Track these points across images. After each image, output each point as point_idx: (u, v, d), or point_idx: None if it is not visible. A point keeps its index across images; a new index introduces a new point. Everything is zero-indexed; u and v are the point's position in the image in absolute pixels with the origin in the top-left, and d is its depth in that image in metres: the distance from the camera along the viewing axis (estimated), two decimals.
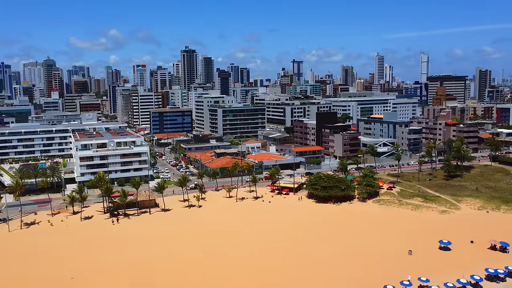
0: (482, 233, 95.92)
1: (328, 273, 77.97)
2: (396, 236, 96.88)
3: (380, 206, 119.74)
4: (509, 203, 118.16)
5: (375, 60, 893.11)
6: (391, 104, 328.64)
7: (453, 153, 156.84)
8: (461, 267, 78.73)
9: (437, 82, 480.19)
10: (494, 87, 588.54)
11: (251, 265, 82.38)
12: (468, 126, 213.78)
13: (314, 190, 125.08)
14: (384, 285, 70.86)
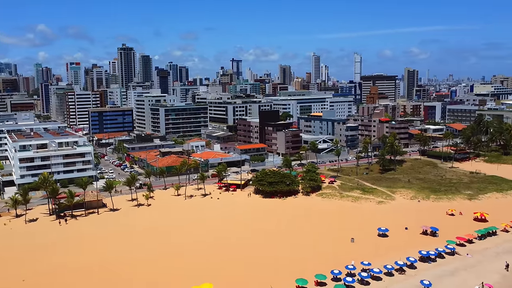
0: (414, 220, 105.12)
1: (279, 261, 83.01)
2: (339, 225, 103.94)
3: (323, 199, 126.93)
4: (437, 193, 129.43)
5: (311, 60, 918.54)
6: (329, 102, 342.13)
7: (387, 148, 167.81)
8: (398, 251, 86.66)
9: (370, 82, 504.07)
10: (421, 86, 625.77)
11: (204, 260, 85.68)
12: (399, 123, 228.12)
13: (261, 185, 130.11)
14: (331, 270, 76.92)
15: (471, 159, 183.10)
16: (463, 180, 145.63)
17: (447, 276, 78.06)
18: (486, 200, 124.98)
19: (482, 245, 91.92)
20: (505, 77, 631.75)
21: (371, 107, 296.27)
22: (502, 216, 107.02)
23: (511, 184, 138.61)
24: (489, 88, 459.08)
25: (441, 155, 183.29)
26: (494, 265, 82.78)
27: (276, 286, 72.79)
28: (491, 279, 76.76)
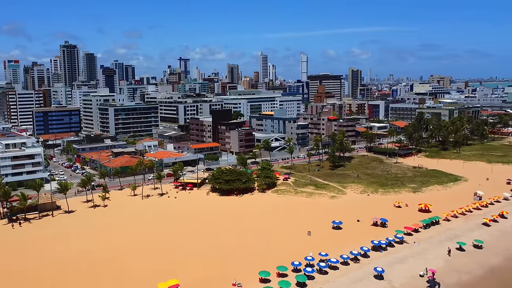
0: (365, 212, 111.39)
1: (241, 255, 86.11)
2: (296, 220, 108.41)
3: (279, 195, 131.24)
4: (385, 187, 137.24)
5: (259, 59, 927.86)
6: (278, 101, 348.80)
7: (336, 146, 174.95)
8: (352, 241, 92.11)
9: (317, 81, 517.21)
10: (364, 85, 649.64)
11: (168, 258, 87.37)
12: (346, 121, 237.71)
13: (218, 184, 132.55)
14: (292, 262, 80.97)
15: (414, 155, 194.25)
16: (407, 174, 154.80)
17: (397, 263, 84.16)
18: (428, 192, 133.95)
19: (427, 234, 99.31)
20: (441, 77, 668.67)
21: (319, 105, 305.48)
22: (444, 206, 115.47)
23: (450, 177, 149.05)
24: (427, 87, 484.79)
25: (386, 151, 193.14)
26: (438, 251, 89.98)
27: (240, 279, 75.78)
28: (436, 264, 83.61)
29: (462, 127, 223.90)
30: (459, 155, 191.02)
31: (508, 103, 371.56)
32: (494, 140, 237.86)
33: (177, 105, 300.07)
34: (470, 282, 78.26)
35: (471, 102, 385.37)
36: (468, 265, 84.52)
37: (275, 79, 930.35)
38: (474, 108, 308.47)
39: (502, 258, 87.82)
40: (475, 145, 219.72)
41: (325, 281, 76.98)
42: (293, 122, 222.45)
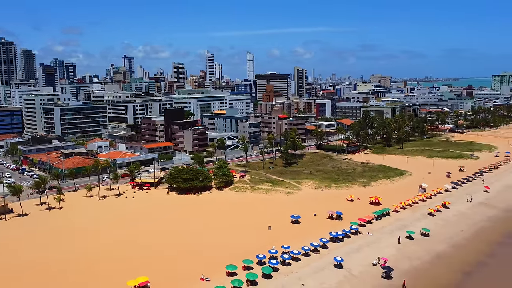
0: (321, 207, 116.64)
1: (207, 251, 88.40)
2: (256, 216, 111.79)
3: (237, 192, 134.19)
4: (337, 182, 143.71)
5: (205, 58, 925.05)
6: (227, 100, 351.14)
7: (289, 143, 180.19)
8: (311, 234, 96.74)
9: (264, 80, 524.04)
10: (310, 84, 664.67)
11: (136, 256, 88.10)
12: (296, 120, 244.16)
13: (176, 182, 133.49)
14: (256, 255, 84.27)
15: (361, 151, 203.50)
16: (356, 170, 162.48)
17: (354, 252, 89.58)
18: (377, 186, 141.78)
19: (379, 225, 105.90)
20: (382, 76, 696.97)
21: (268, 104, 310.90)
22: (392, 199, 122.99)
23: (396, 172, 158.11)
24: (370, 86, 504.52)
25: (335, 148, 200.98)
26: (390, 240, 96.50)
27: (207, 274, 78.09)
28: (388, 252, 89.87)
29: (404, 125, 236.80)
30: (403, 151, 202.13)
31: (444, 101, 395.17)
32: (433, 136, 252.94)
33: (126, 104, 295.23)
34: (420, 267, 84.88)
35: (411, 100, 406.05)
36: (417, 252, 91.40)
37: (222, 78, 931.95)
38: (414, 106, 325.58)
39: (447, 245, 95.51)
40: (416, 141, 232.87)
41: (289, 272, 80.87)
42: (245, 120, 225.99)
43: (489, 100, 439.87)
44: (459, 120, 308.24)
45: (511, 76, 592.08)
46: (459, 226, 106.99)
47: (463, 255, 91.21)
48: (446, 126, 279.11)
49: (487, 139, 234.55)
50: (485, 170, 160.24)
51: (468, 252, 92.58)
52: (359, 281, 78.77)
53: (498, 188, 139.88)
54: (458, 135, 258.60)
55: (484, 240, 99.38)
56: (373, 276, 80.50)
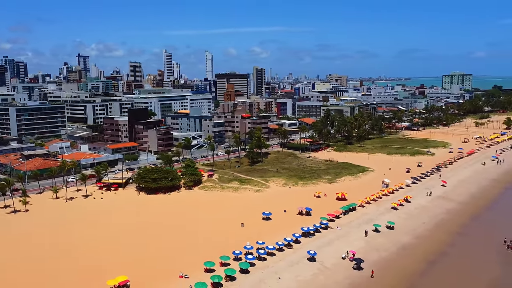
0: (290, 203, 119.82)
1: (184, 250, 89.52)
2: (227, 214, 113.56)
3: (206, 191, 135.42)
4: (304, 179, 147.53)
5: (163, 57, 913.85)
6: (189, 100, 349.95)
7: (254, 142, 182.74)
8: (283, 230, 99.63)
9: (224, 80, 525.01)
10: (269, 84, 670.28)
11: (114, 256, 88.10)
12: (260, 119, 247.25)
13: (145, 182, 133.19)
14: (233, 251, 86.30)
15: (323, 149, 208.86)
16: (321, 167, 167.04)
17: (325, 246, 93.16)
18: (342, 182, 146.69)
19: (347, 219, 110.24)
20: (339, 76, 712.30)
21: (230, 104, 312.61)
22: (357, 194, 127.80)
23: (359, 169, 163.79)
24: (328, 86, 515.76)
25: (299, 147, 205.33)
26: (358, 234, 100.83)
27: (186, 271, 79.41)
28: (358, 245, 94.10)
29: (364, 123, 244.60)
30: (363, 148, 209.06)
31: (399, 100, 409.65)
32: (391, 134, 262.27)
33: (85, 104, 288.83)
34: (388, 258, 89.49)
35: (367, 99, 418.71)
36: (384, 244, 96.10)
37: (180, 77, 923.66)
38: (371, 105, 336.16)
39: (411, 237, 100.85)
40: (375, 139, 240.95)
41: (265, 266, 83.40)
42: (209, 120, 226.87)
43: (441, 99, 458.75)
44: (414, 118, 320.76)
45: (460, 76, 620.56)
46: (421, 218, 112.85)
47: (426, 245, 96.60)
48: (403, 124, 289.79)
49: (441, 136, 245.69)
50: (441, 166, 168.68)
51: (431, 243, 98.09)
52: (332, 272, 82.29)
53: (454, 182, 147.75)
54: (414, 132, 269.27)
55: (445, 231, 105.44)
56: (345, 267, 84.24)
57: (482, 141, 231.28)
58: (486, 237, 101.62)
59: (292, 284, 77.47)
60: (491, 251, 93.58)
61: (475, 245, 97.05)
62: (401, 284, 79.60)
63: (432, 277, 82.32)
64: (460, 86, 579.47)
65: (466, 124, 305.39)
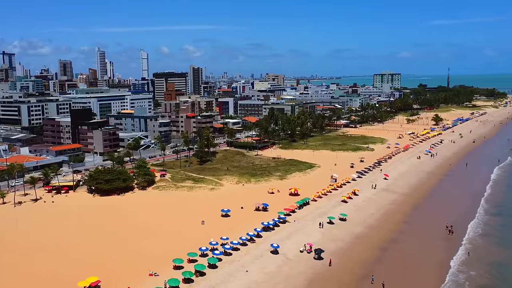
0: (245, 200, 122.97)
1: (149, 248, 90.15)
2: (186, 212, 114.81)
3: (161, 191, 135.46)
4: (256, 177, 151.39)
5: (96, 55, 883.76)
6: (129, 100, 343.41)
7: (203, 141, 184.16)
8: (243, 225, 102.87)
9: (162, 79, 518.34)
10: (207, 83, 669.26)
11: (81, 258, 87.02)
12: (205, 118, 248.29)
13: (97, 184, 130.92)
14: (199, 247, 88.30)
15: (269, 147, 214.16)
16: (270, 164, 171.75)
17: (286, 239, 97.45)
18: (292, 178, 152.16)
19: (302, 213, 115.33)
20: (276, 75, 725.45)
21: (173, 103, 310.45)
22: (308, 189, 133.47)
23: (306, 165, 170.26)
24: (267, 85, 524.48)
25: (246, 145, 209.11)
26: (314, 226, 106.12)
27: (155, 269, 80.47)
28: (315, 237, 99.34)
29: (306, 121, 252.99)
30: (308, 145, 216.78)
31: (336, 98, 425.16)
32: (331, 131, 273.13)
33: (19, 105, 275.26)
34: (345, 247, 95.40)
35: (305, 98, 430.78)
36: (339, 234, 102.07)
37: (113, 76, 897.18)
38: (311, 103, 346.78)
39: (363, 227, 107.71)
40: (317, 136, 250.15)
41: (232, 261, 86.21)
42: (155, 119, 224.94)
43: (373, 97, 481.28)
44: (351, 116, 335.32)
45: (389, 75, 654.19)
46: (369, 210, 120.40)
47: (377, 234, 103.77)
48: (341, 122, 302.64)
49: (377, 133, 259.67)
50: (382, 160, 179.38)
51: (381, 231, 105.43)
52: (295, 263, 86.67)
53: (395, 175, 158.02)
54: (352, 129, 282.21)
55: (392, 221, 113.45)
56: (307, 258, 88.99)
57: (415, 136, 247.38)
58: (429, 224, 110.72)
59: (259, 276, 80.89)
60: (435, 236, 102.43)
61: (420, 232, 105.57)
62: (358, 270, 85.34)
63: (386, 263, 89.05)
64: (390, 85, 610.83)
65: (399, 121, 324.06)
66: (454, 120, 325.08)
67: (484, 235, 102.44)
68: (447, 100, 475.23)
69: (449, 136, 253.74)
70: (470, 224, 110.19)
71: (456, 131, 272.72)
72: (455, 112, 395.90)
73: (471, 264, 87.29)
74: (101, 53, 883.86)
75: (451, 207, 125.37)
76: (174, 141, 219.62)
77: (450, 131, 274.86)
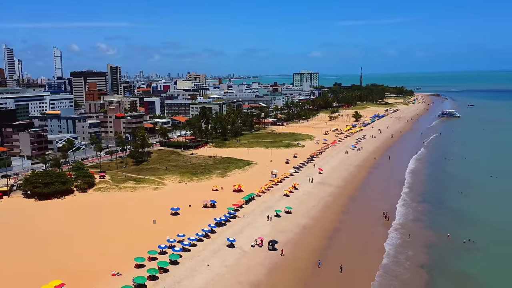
0: (192, 198, 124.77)
1: (107, 250, 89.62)
2: (135, 212, 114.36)
3: (103, 193, 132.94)
4: (197, 175, 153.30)
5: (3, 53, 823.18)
6: (48, 100, 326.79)
7: (138, 142, 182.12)
8: (195, 222, 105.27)
9: (81, 78, 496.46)
10: (127, 82, 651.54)
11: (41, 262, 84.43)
12: (134, 118, 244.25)
13: (35, 188, 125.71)
14: (158, 245, 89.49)
15: (203, 146, 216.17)
16: (208, 163, 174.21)
17: (238, 233, 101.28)
18: (233, 176, 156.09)
19: (250, 208, 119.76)
20: (197, 74, 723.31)
21: (97, 103, 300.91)
22: (250, 185, 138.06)
23: (244, 162, 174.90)
24: (190, 84, 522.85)
25: (180, 145, 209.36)
26: (263, 220, 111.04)
27: (117, 269, 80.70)
28: (265, 230, 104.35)
29: (237, 119, 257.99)
30: (241, 143, 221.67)
31: (260, 97, 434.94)
32: (260, 129, 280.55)
33: None
34: (294, 238, 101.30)
35: (230, 97, 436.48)
36: (288, 226, 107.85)
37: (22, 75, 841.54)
38: (237, 102, 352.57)
39: (308, 218, 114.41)
40: (247, 134, 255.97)
41: (192, 256, 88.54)
42: (84, 120, 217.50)
43: (295, 96, 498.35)
44: (278, 114, 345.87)
45: (308, 74, 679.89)
46: (310, 202, 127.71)
47: (321, 224, 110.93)
48: (269, 120, 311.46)
49: (305, 130, 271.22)
50: (314, 156, 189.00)
51: (325, 222, 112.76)
52: (252, 255, 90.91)
53: (328, 169, 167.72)
54: (280, 127, 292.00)
55: (332, 211, 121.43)
56: (262, 250, 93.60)
57: (340, 133, 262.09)
58: (366, 213, 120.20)
59: (221, 269, 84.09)
60: (373, 223, 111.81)
61: (359, 220, 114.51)
62: (310, 258, 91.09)
63: (334, 250, 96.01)
64: (310, 83, 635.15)
65: (322, 118, 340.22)
66: (371, 117, 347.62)
67: (415, 220, 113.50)
68: (362, 98, 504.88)
69: (370, 131, 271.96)
70: (400, 211, 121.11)
71: (375, 127, 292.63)
72: (370, 109, 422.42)
73: (409, 246, 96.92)
74: (8, 51, 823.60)
75: (381, 196, 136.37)
76: (105, 142, 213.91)
77: (370, 127, 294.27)
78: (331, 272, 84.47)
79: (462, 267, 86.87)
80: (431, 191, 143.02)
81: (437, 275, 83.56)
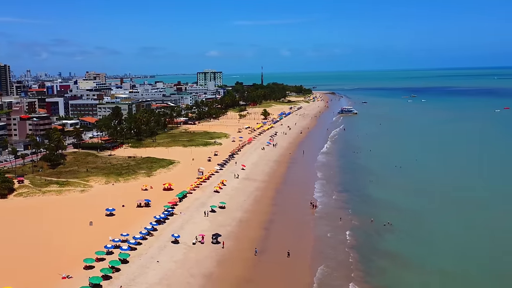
0: (123, 198, 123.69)
1: (50, 256, 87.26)
2: (67, 216, 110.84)
3: (26, 198, 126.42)
4: (122, 175, 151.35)
5: None
6: None
7: (53, 144, 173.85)
8: (133, 221, 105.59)
9: None
10: (21, 82, 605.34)
11: None
12: (42, 119, 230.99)
13: None
14: (105, 245, 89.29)
15: (120, 147, 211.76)
16: (130, 163, 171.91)
17: (179, 230, 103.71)
18: (159, 175, 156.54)
19: (185, 205, 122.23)
20: (97, 73, 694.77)
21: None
22: (178, 183, 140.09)
23: (167, 161, 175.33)
24: (92, 84, 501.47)
25: (96, 146, 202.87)
26: (200, 216, 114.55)
27: (66, 272, 79.69)
28: (204, 225, 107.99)
29: (150, 119, 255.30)
30: (158, 143, 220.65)
31: (167, 96, 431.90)
32: (173, 129, 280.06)
33: None
34: (234, 231, 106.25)
35: (136, 96, 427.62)
36: (225, 221, 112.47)
37: None
38: (146, 102, 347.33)
39: (242, 212, 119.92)
40: (161, 134, 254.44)
41: (139, 254, 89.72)
42: None
43: (200, 95, 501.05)
44: (188, 113, 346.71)
45: (212, 74, 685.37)
46: (240, 197, 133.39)
47: (256, 217, 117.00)
48: (180, 119, 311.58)
49: (218, 128, 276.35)
50: (234, 153, 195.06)
51: (258, 215, 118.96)
52: (198, 250, 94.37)
53: (249, 165, 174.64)
54: (192, 126, 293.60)
55: (263, 204, 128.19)
56: (206, 244, 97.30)
57: (252, 130, 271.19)
58: (293, 203, 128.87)
59: (171, 264, 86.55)
60: (303, 212, 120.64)
61: (289, 210, 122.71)
62: (251, 249, 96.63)
63: (271, 240, 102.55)
64: (214, 82, 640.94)
65: (232, 116, 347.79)
66: (279, 114, 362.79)
67: (339, 208, 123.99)
68: (266, 96, 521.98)
69: (280, 128, 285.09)
70: (323, 200, 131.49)
71: (284, 124, 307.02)
72: (276, 107, 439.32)
73: (338, 230, 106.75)
74: None
75: (304, 188, 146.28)
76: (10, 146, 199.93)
77: (279, 124, 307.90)
78: (275, 258, 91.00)
79: (387, 246, 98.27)
80: (346, 181, 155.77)
81: (367, 254, 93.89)
